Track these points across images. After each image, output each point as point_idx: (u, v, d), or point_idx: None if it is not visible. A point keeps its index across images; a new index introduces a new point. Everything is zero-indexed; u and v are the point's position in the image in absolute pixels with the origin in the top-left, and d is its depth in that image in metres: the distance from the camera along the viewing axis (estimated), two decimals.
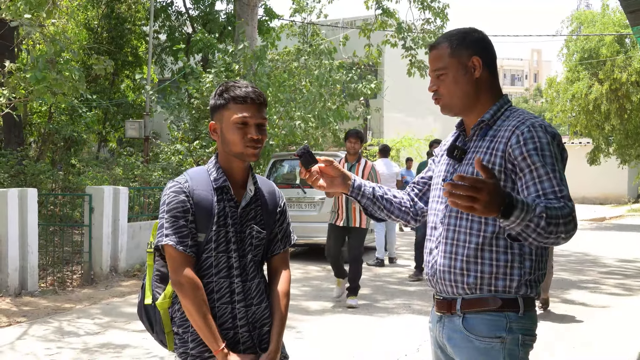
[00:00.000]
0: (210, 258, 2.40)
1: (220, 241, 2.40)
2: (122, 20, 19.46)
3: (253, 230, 2.47)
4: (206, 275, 2.40)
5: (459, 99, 2.35)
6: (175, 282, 2.35)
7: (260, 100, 2.42)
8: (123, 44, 19.40)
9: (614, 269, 12.22)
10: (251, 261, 2.47)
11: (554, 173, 2.14)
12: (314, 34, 18.28)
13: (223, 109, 2.41)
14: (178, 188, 2.40)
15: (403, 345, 6.35)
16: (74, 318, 7.29)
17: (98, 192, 9.66)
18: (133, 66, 20.18)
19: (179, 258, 2.35)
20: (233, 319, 2.40)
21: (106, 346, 6.15)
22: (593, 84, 24.02)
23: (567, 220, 2.04)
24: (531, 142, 2.18)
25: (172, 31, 21.02)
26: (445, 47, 2.35)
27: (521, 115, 2.29)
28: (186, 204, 2.37)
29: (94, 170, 14.60)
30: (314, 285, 9.59)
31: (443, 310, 2.38)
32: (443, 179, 2.41)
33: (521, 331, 2.25)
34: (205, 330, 2.32)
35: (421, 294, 8.93)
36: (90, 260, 9.49)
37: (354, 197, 2.57)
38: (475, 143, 2.34)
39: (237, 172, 2.47)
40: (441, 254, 2.35)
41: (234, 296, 2.41)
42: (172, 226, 2.36)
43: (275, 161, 12.84)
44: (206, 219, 2.39)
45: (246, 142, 2.38)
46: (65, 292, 8.67)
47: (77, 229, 11.08)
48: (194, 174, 2.47)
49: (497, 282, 2.24)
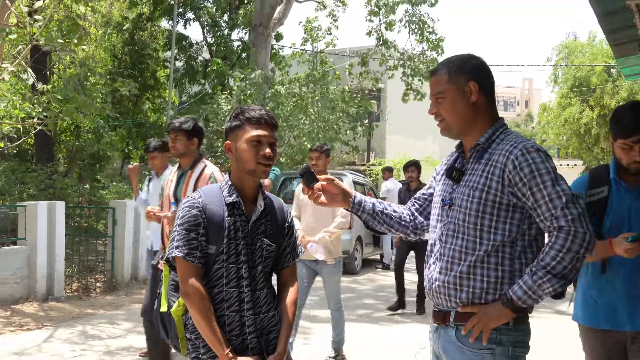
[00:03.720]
0: (221, 269, 2.41)
1: (231, 253, 2.42)
2: (143, 47, 19.65)
3: (264, 244, 2.49)
4: (217, 285, 2.42)
5: (456, 122, 2.36)
6: (183, 291, 2.38)
7: (273, 122, 2.48)
8: (144, 68, 19.56)
9: None
10: (261, 272, 2.48)
11: (554, 190, 2.16)
12: (322, 61, 18.40)
13: (238, 129, 2.46)
14: (192, 203, 2.43)
15: (402, 352, 6.34)
16: (97, 322, 7.31)
17: (121, 206, 9.72)
18: (153, 89, 20.35)
19: (187, 269, 2.38)
20: (242, 326, 2.42)
21: (127, 349, 6.17)
22: (584, 109, 24.06)
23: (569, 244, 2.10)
24: (526, 165, 2.19)
25: (189, 58, 21.21)
26: (444, 73, 2.36)
27: (513, 139, 2.29)
28: (198, 218, 2.40)
29: (117, 186, 14.66)
30: (321, 295, 9.55)
31: (439, 321, 2.40)
32: (442, 199, 2.42)
33: (511, 343, 2.24)
34: (210, 336, 2.34)
35: None
36: (112, 268, 9.53)
37: (355, 213, 2.60)
38: (472, 165, 2.35)
39: (248, 189, 2.50)
40: (437, 269, 2.36)
41: (243, 304, 2.42)
42: (182, 238, 2.38)
43: (285, 179, 12.88)
44: (217, 232, 2.41)
45: (259, 159, 2.42)
46: (89, 298, 8.70)
47: (100, 240, 11.12)
48: (207, 191, 2.50)
49: (488, 297, 2.24)
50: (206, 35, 21.21)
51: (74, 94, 7.51)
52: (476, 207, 2.26)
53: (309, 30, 18.52)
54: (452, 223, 2.33)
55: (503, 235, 2.23)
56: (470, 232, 2.27)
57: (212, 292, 2.41)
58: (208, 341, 2.36)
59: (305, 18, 19.01)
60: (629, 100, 22.48)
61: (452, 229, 2.32)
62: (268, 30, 15.37)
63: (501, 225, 2.24)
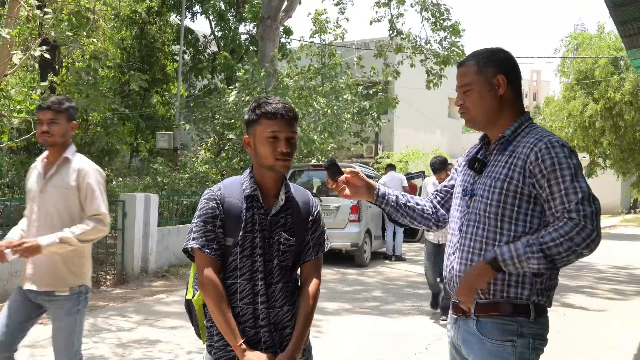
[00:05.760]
0: (235, 261, 2.40)
1: (246, 246, 2.39)
2: (152, 41, 19.64)
3: (281, 237, 2.44)
4: (231, 277, 2.41)
5: (483, 114, 2.34)
6: (199, 281, 2.39)
7: (290, 115, 2.40)
8: (153, 62, 19.57)
9: (609, 275, 12.10)
10: (277, 266, 2.43)
11: (572, 185, 2.13)
12: (330, 54, 18.34)
13: (255, 123, 2.41)
14: (210, 196, 2.43)
15: (413, 344, 6.31)
16: (108, 315, 7.31)
17: (131, 199, 9.70)
18: (162, 83, 20.37)
19: (203, 260, 2.38)
20: (255, 319, 2.39)
21: (139, 342, 6.15)
22: (588, 102, 23.89)
23: (574, 234, 2.06)
24: (549, 158, 2.17)
25: (197, 52, 21.19)
26: (472, 65, 2.35)
27: (539, 133, 2.27)
28: (215, 210, 2.39)
29: (125, 179, 14.67)
30: (329, 288, 9.55)
31: (459, 313, 2.37)
32: (463, 189, 2.40)
33: (532, 335, 2.23)
34: (224, 327, 2.34)
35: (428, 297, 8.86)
36: (122, 261, 9.52)
37: (379, 205, 2.59)
38: (495, 157, 2.33)
39: (268, 183, 2.45)
40: (458, 260, 2.34)
41: (257, 298, 2.39)
42: (199, 230, 2.39)
43: (294, 172, 12.85)
44: (235, 224, 2.39)
45: (276, 155, 2.37)
46: (99, 291, 8.70)
47: (110, 233, 11.12)
48: (228, 183, 2.48)
49: (510, 289, 2.23)
50: (214, 29, 21.19)
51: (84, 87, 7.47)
52: (497, 198, 2.24)
53: (318, 22, 18.44)
54: (472, 213, 2.32)
55: (524, 226, 2.21)
56: (491, 223, 2.26)
57: (226, 283, 2.41)
58: (222, 331, 2.36)
59: (314, 10, 18.91)
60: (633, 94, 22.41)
61: (473, 219, 2.31)
62: (276, 23, 15.29)
63: (522, 217, 2.22)
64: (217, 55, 20.34)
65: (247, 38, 21.09)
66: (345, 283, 10.09)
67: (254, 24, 20.33)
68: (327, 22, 18.66)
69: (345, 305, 8.27)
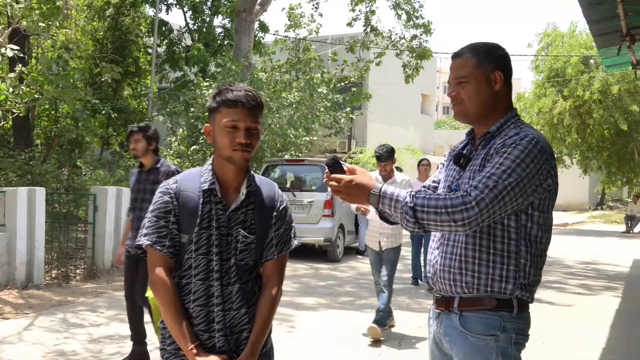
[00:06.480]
0: (190, 259, 2.25)
1: (202, 244, 2.25)
2: (125, 32, 19.36)
3: (239, 235, 2.28)
4: (186, 276, 2.27)
5: (477, 108, 2.33)
6: (150, 280, 2.27)
7: (252, 104, 2.24)
8: (126, 54, 19.30)
9: (577, 270, 12.31)
10: (234, 265, 2.27)
11: (501, 173, 2.11)
12: (305, 49, 18.29)
13: (216, 112, 2.27)
14: (165, 189, 2.29)
15: (387, 339, 6.32)
16: (78, 310, 7.19)
17: (102, 192, 9.56)
18: (134, 75, 20.11)
19: (154, 258, 2.25)
20: (209, 322, 2.25)
21: (111, 337, 6.06)
22: (558, 100, 24.22)
23: (449, 210, 2.08)
24: (510, 144, 2.17)
25: (171, 44, 20.96)
26: (470, 58, 2.33)
27: (522, 128, 2.28)
28: (169, 205, 2.25)
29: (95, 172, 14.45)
30: (303, 282, 9.55)
31: (441, 307, 2.36)
32: (448, 185, 2.39)
33: (514, 330, 2.24)
34: (175, 329, 2.22)
35: (403, 291, 8.92)
36: (93, 255, 9.38)
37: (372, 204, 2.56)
38: (479, 152, 2.33)
39: (229, 175, 2.30)
40: (441, 254, 2.34)
41: (212, 299, 2.25)
42: (152, 226, 2.26)
43: (268, 166, 12.80)
44: (190, 220, 2.25)
45: (234, 145, 2.22)
46: (69, 286, 8.56)
47: (79, 226, 10.95)
48: (185, 175, 2.34)
49: (494, 284, 2.22)
50: (188, 22, 20.97)
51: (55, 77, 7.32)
52: None
53: (293, 17, 18.36)
54: None
55: (509, 218, 2.20)
56: None
57: (180, 283, 2.27)
58: (173, 334, 2.24)
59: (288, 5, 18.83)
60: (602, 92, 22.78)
61: None
62: (251, 17, 15.19)
63: None
64: (190, 48, 20.15)
65: (222, 32, 20.91)
66: (319, 278, 10.09)
67: (229, 17, 20.17)
68: (301, 16, 18.60)
69: (319, 300, 8.27)
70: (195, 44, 18.97)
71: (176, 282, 2.28)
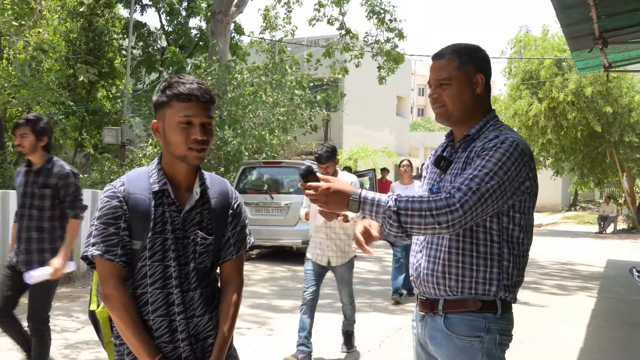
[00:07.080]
0: (145, 267, 2.10)
1: (157, 249, 2.09)
2: (99, 34, 19.15)
3: (197, 237, 2.15)
4: (141, 286, 2.11)
5: (459, 110, 2.32)
6: (102, 294, 2.10)
7: (206, 97, 2.10)
8: (100, 55, 19.09)
9: (552, 271, 12.45)
10: (194, 270, 2.15)
11: (483, 175, 2.11)
12: (281, 50, 18.28)
13: (166, 106, 2.09)
14: (112, 193, 2.10)
15: (366, 341, 6.33)
16: (53, 315, 7.05)
17: (85, 195, 9.42)
18: (109, 77, 19.89)
19: (105, 269, 2.08)
20: (172, 332, 2.12)
21: (87, 342, 5.98)
22: (533, 102, 24.52)
23: (433, 212, 2.05)
24: (491, 147, 2.17)
25: (146, 46, 20.78)
26: (452, 60, 2.30)
27: (502, 131, 2.28)
28: (118, 210, 2.07)
29: None
30: (281, 285, 9.52)
31: (426, 309, 2.35)
32: (430, 187, 2.39)
33: (498, 331, 2.25)
34: (136, 344, 2.07)
35: (382, 293, 8.94)
36: None
37: None
38: (459, 154, 2.33)
39: (180, 175, 2.15)
40: (425, 257, 2.33)
41: (173, 308, 2.12)
42: (100, 234, 2.07)
43: (245, 168, 12.75)
44: (142, 225, 2.08)
45: (190, 143, 2.07)
46: None
47: None
48: (132, 177, 2.16)
49: (477, 286, 2.23)
50: (164, 23, 20.81)
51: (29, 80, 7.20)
52: None
53: (268, 18, 18.34)
54: None
55: (485, 219, 2.19)
56: None
57: (135, 293, 2.12)
58: (133, 350, 2.09)
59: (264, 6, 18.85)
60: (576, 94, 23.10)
61: None
62: (227, 18, 15.14)
63: None
64: (166, 50, 20.00)
65: (197, 33, 20.79)
66: (297, 280, 10.06)
67: (205, 18, 20.05)
68: (276, 17, 18.58)
69: (297, 302, 8.21)
70: (169, 47, 18.84)
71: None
